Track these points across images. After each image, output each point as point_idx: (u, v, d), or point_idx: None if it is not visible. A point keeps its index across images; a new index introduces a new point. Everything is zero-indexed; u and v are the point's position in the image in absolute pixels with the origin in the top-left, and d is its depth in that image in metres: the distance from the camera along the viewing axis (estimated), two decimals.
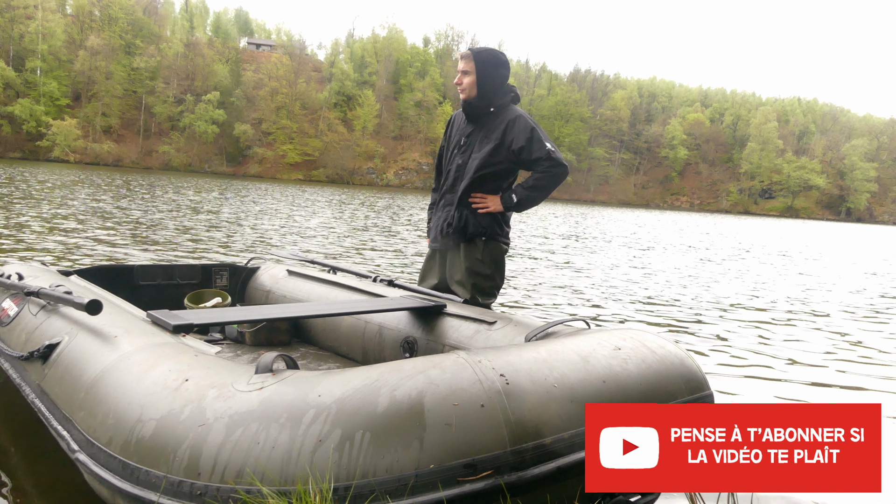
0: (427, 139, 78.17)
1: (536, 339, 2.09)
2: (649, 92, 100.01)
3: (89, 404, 1.70)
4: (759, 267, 11.98)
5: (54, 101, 63.63)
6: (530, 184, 2.73)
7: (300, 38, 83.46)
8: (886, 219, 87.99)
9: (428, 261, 3.07)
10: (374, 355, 2.80)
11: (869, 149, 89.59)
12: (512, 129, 2.69)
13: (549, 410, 1.46)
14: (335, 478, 1.29)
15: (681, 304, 6.89)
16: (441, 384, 1.40)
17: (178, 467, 1.40)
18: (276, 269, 3.81)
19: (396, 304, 2.65)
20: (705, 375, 1.91)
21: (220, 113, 69.07)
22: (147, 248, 7.87)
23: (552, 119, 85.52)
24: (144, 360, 1.74)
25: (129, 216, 11.77)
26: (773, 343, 5.17)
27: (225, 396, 1.49)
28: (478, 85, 2.69)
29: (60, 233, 8.61)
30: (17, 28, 63.22)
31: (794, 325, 6.11)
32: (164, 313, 2.11)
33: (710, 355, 4.57)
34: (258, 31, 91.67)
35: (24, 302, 2.45)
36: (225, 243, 9.06)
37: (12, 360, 2.23)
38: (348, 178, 72.99)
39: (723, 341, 5.09)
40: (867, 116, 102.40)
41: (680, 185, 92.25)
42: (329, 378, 1.48)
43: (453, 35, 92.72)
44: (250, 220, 13.43)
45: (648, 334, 1.98)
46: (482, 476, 1.31)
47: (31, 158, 56.17)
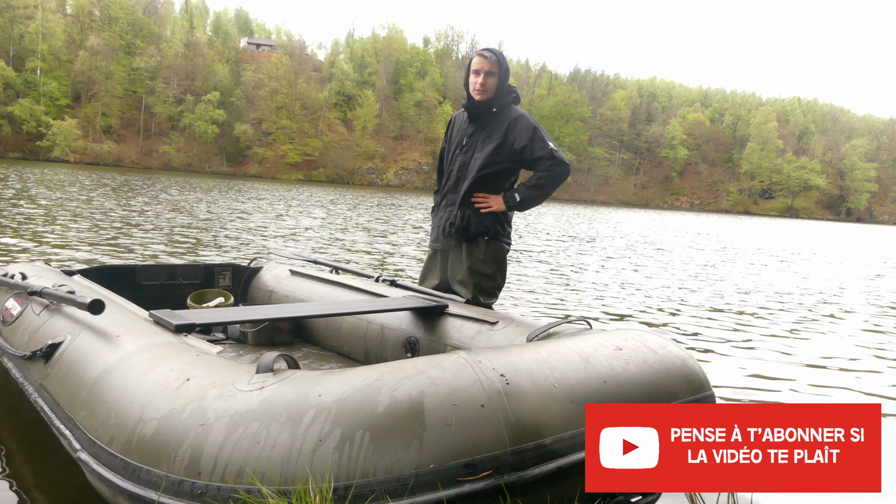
0: (427, 139, 78.13)
1: (538, 339, 2.09)
2: (649, 92, 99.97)
3: (91, 404, 1.70)
4: (759, 267, 11.98)
5: (54, 101, 63.62)
6: (532, 183, 2.74)
7: (300, 38, 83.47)
8: (886, 219, 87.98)
9: (429, 261, 3.07)
10: (376, 355, 2.81)
11: (869, 149, 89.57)
12: (514, 128, 2.71)
13: (550, 410, 1.46)
14: (335, 477, 1.29)
15: (681, 304, 6.89)
16: (441, 384, 1.40)
17: (179, 467, 1.41)
18: (278, 269, 3.81)
19: (398, 304, 2.66)
20: (706, 375, 1.91)
21: (220, 113, 69.05)
22: (150, 248, 7.88)
23: (552, 119, 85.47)
24: (146, 359, 1.74)
25: (131, 216, 11.77)
26: (774, 343, 5.17)
27: (226, 396, 1.49)
28: (498, 86, 2.72)
29: (63, 233, 8.61)
30: (17, 28, 63.22)
31: (795, 325, 6.12)
32: (167, 313, 2.12)
33: (712, 355, 4.57)
34: (258, 31, 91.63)
35: (27, 301, 2.45)
36: (227, 243, 9.06)
37: (15, 360, 2.24)
38: (348, 178, 72.96)
39: (723, 341, 5.09)
40: (867, 116, 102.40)
41: (680, 185, 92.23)
42: (329, 378, 1.49)
43: (453, 35, 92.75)
44: (251, 220, 13.43)
45: (649, 334, 1.98)
46: (482, 476, 1.31)
47: (31, 158, 56.15)
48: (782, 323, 6.17)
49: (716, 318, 6.13)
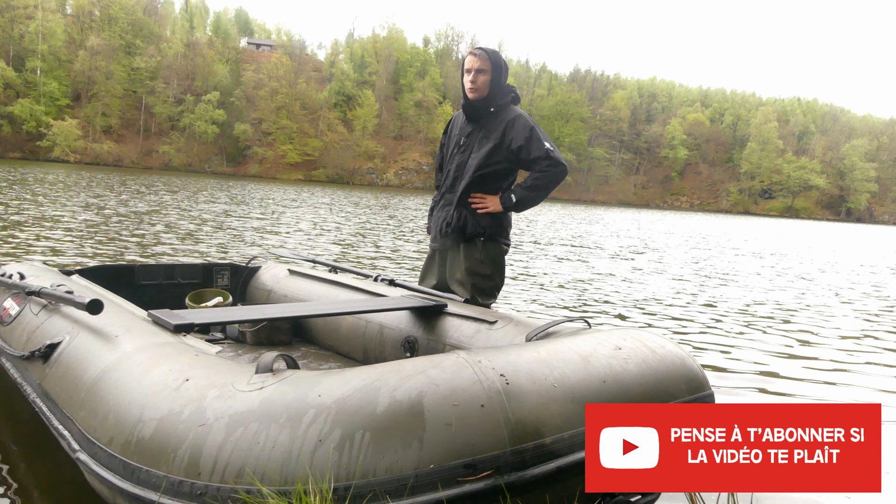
0: (427, 139, 78.11)
1: (537, 338, 2.09)
2: (649, 92, 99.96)
3: (90, 404, 1.70)
4: (759, 267, 11.98)
5: (54, 101, 63.58)
6: (529, 183, 2.74)
7: (300, 38, 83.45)
8: (886, 219, 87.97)
9: (428, 261, 3.07)
10: (375, 355, 2.80)
11: (869, 149, 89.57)
12: (511, 128, 2.70)
13: (549, 410, 1.46)
14: (335, 478, 1.29)
15: (681, 304, 6.89)
16: (441, 384, 1.40)
17: (179, 467, 1.41)
18: (277, 269, 3.81)
19: (397, 303, 2.66)
20: (706, 375, 1.91)
21: (220, 113, 69.04)
22: (148, 248, 7.87)
23: (552, 119, 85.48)
24: (145, 359, 1.74)
25: (130, 216, 11.77)
26: (774, 343, 5.17)
27: (225, 396, 1.49)
28: (490, 85, 2.71)
29: (62, 232, 8.61)
30: (17, 28, 63.19)
31: (795, 324, 6.11)
32: (165, 313, 2.11)
33: (711, 355, 4.57)
34: (258, 31, 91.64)
35: (25, 301, 2.45)
36: (226, 243, 9.06)
37: (14, 360, 2.24)
38: (348, 178, 72.96)
39: (724, 341, 5.09)
40: (867, 116, 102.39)
41: (680, 185, 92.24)
42: (329, 378, 1.48)
43: (453, 35, 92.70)
44: (251, 220, 13.43)
45: (649, 334, 1.97)
46: (482, 476, 1.31)
47: (31, 158, 56.13)
48: (782, 322, 6.16)
49: (715, 318, 6.13)
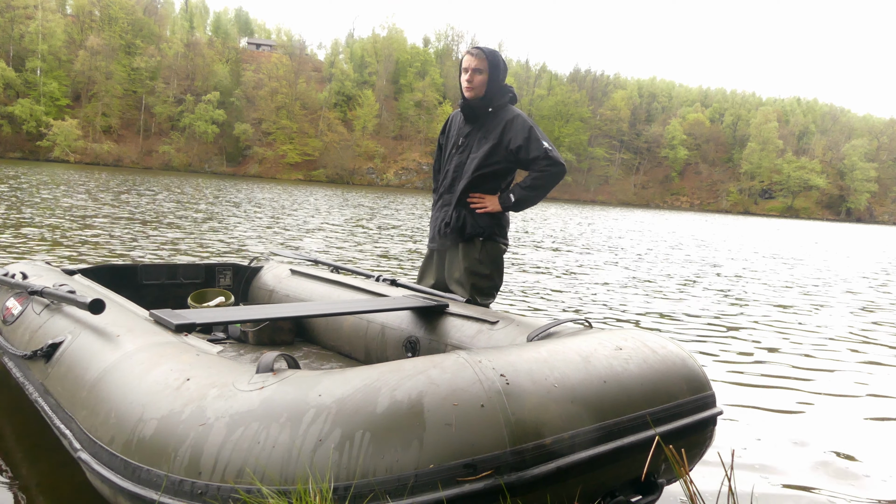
0: (427, 139, 78.13)
1: (538, 338, 2.09)
2: (649, 92, 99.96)
3: (91, 403, 1.70)
4: (759, 267, 11.98)
5: (54, 101, 63.61)
6: (528, 183, 2.74)
7: (300, 38, 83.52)
8: (886, 219, 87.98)
9: (426, 261, 3.08)
10: (377, 355, 2.81)
11: (869, 149, 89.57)
12: (510, 128, 2.70)
13: (550, 410, 1.46)
14: (335, 477, 1.29)
15: (682, 304, 6.89)
16: (441, 384, 1.40)
17: (179, 466, 1.41)
18: (279, 269, 3.81)
19: (399, 303, 2.66)
20: (707, 375, 1.91)
21: (220, 113, 69.07)
22: (151, 248, 7.88)
23: (552, 119, 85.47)
24: (147, 359, 1.74)
25: (131, 216, 11.77)
26: (775, 343, 5.17)
27: (226, 396, 1.49)
28: (488, 84, 2.70)
29: (64, 232, 8.61)
30: (17, 28, 63.22)
31: (796, 324, 6.11)
32: (167, 312, 2.11)
33: (712, 355, 4.57)
34: (258, 31, 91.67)
35: (27, 301, 2.45)
36: (228, 243, 9.07)
37: (16, 359, 2.24)
38: (348, 178, 72.97)
39: (725, 342, 5.09)
40: (867, 116, 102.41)
41: (680, 185, 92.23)
42: (329, 378, 1.49)
43: (453, 35, 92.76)
44: (252, 220, 13.43)
45: (650, 334, 1.97)
46: (482, 476, 1.31)
47: (32, 158, 56.14)
48: (783, 323, 6.16)
49: (716, 318, 6.13)
